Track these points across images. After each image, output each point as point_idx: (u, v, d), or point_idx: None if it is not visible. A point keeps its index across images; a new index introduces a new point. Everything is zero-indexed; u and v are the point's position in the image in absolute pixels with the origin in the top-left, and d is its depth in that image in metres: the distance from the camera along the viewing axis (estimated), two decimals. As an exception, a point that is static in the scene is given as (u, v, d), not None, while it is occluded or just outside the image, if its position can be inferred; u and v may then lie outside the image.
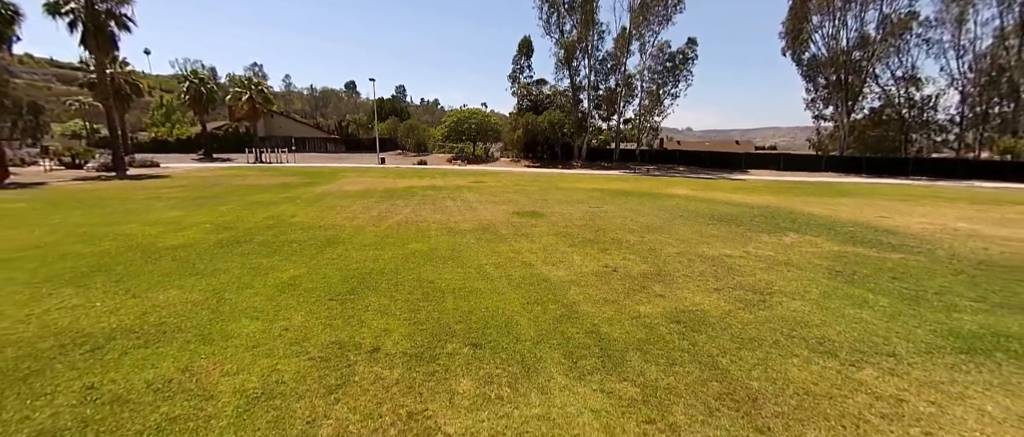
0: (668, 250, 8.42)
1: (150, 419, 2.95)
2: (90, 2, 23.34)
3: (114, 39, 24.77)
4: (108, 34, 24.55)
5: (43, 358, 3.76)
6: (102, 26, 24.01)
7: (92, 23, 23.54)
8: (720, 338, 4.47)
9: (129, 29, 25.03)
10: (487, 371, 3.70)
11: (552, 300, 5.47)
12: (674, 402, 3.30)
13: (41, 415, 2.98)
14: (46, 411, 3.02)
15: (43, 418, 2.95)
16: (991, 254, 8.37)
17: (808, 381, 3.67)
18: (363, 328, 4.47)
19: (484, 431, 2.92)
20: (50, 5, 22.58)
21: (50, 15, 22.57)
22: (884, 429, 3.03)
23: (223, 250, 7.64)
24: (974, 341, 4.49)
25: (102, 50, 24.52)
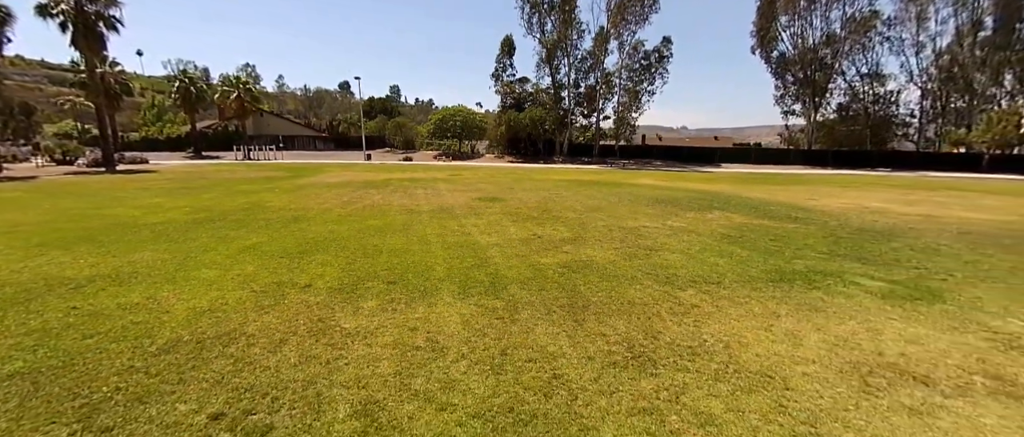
0: (597, 223, 9.39)
1: (118, 323, 3.87)
2: (80, 4, 23.90)
3: (103, 39, 25.32)
4: (98, 35, 25.10)
5: (36, 292, 4.65)
6: (91, 27, 24.57)
7: (82, 24, 24.10)
8: (591, 276, 5.45)
9: (118, 30, 25.60)
10: (392, 296, 4.65)
11: (472, 256, 6.42)
12: (525, 308, 4.28)
13: (35, 322, 3.89)
14: (39, 319, 3.93)
15: (37, 323, 3.86)
16: (875, 223, 9.45)
17: (636, 297, 4.67)
18: (302, 274, 5.40)
19: (373, 325, 3.88)
20: (41, 7, 23.13)
21: (41, 16, 23.12)
22: (667, 318, 4.04)
23: (197, 226, 8.52)
24: (790, 276, 5.52)
25: (92, 50, 25.08)
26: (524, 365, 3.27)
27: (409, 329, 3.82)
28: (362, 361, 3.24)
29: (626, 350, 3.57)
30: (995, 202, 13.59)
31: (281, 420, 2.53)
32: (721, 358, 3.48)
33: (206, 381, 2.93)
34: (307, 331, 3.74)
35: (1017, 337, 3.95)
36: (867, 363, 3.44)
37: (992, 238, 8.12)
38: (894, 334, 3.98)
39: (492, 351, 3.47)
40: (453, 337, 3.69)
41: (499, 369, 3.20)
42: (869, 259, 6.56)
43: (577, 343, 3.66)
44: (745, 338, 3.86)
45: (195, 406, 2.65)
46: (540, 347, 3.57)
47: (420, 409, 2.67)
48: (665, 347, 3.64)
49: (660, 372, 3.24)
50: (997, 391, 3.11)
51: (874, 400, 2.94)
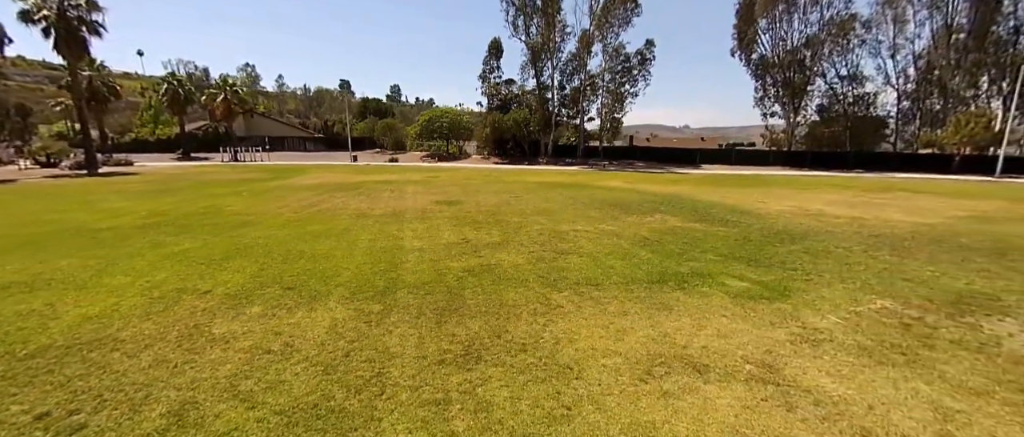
0: (534, 227, 9.70)
1: (10, 325, 4.17)
2: (62, 10, 24.13)
3: (85, 44, 25.56)
4: (80, 40, 25.34)
5: (-52, 298, 4.95)
6: (74, 32, 24.80)
7: (64, 29, 24.33)
8: (485, 280, 5.77)
9: (100, 35, 25.83)
10: (281, 302, 4.95)
11: (387, 261, 6.72)
12: (398, 312, 4.60)
13: None
14: (-65, 324, 4.23)
15: None
16: (798, 226, 9.77)
17: (513, 299, 5.01)
18: (210, 280, 5.70)
19: (242, 330, 4.18)
20: (23, 13, 23.35)
21: (24, 22, 23.36)
22: (524, 318, 4.39)
23: (141, 231, 8.81)
24: (670, 277, 5.87)
25: (74, 55, 25.32)
26: (357, 365, 3.59)
27: (274, 334, 4.13)
28: (208, 365, 3.55)
29: (463, 349, 3.89)
30: (931, 204, 13.94)
31: (98, 420, 2.83)
32: (542, 353, 3.81)
33: (52, 384, 3.23)
34: (177, 336, 4.04)
35: (819, 332, 4.28)
36: (665, 355, 3.77)
37: (895, 240, 8.46)
38: (713, 330, 4.32)
39: (337, 353, 3.78)
40: (310, 341, 4.00)
41: (332, 369, 3.52)
42: (759, 261, 6.89)
43: (422, 343, 3.98)
44: (578, 335, 4.19)
45: (27, 407, 2.95)
46: (385, 348, 3.88)
47: (230, 408, 2.98)
48: (501, 345, 3.96)
49: (476, 368, 3.56)
50: (754, 377, 3.45)
51: (641, 386, 3.28)
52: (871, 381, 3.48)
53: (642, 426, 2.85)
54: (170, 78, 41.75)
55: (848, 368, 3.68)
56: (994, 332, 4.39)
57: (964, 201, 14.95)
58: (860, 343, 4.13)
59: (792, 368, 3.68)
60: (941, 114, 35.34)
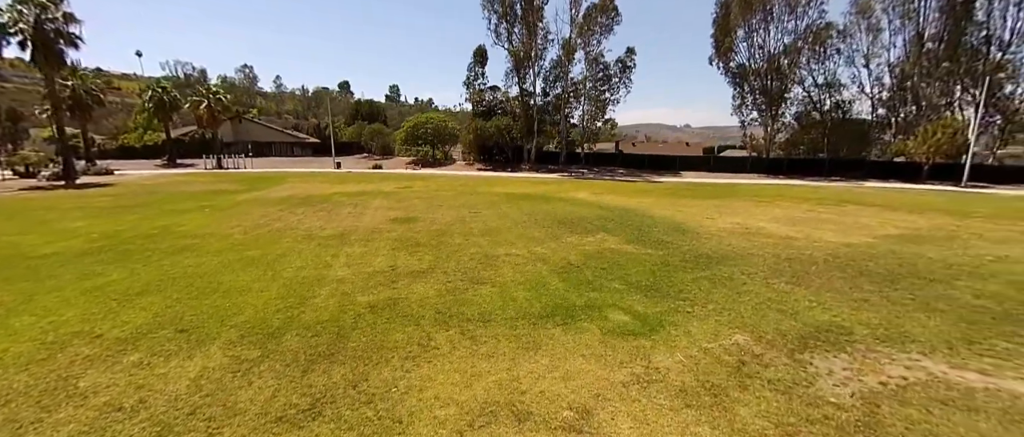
0: (470, 251, 9.91)
1: None
2: (39, 22, 24.20)
3: (62, 56, 25.66)
4: (57, 51, 25.42)
5: None
6: (50, 44, 24.89)
7: (41, 42, 24.41)
8: (382, 318, 5.98)
9: (77, 46, 25.94)
10: (164, 348, 5.14)
11: (300, 296, 6.91)
12: (274, 359, 4.81)
13: None
14: None
15: None
16: (726, 248, 10.00)
17: (394, 340, 5.26)
18: (110, 321, 5.88)
19: (106, 382, 4.38)
20: (2, 25, 23.41)
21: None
22: (397, 362, 4.60)
23: (80, 258, 8.98)
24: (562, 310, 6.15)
25: (51, 66, 25.41)
26: (196, 424, 3.78)
27: (135, 387, 4.32)
28: (52, 425, 3.74)
29: (310, 403, 4.09)
30: (872, 220, 14.22)
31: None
32: (386, 405, 4.03)
33: None
34: (41, 391, 4.23)
35: (656, 373, 4.48)
36: (498, 403, 3.97)
37: (805, 265, 8.69)
38: (562, 372, 4.62)
39: (183, 411, 3.95)
40: (166, 396, 4.19)
41: (168, 429, 3.71)
42: (659, 290, 7.14)
43: (274, 397, 4.18)
44: (434, 381, 4.43)
45: None
46: (233, 404, 4.07)
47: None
48: (351, 397, 4.16)
49: (310, 425, 3.76)
50: (565, 425, 3.65)
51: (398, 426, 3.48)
52: (666, 427, 3.71)
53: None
54: (156, 85, 41.77)
55: (656, 412, 3.92)
56: (816, 371, 4.65)
57: (907, 216, 15.24)
58: (684, 385, 4.37)
59: (606, 413, 3.92)
60: (915, 122, 35.69)
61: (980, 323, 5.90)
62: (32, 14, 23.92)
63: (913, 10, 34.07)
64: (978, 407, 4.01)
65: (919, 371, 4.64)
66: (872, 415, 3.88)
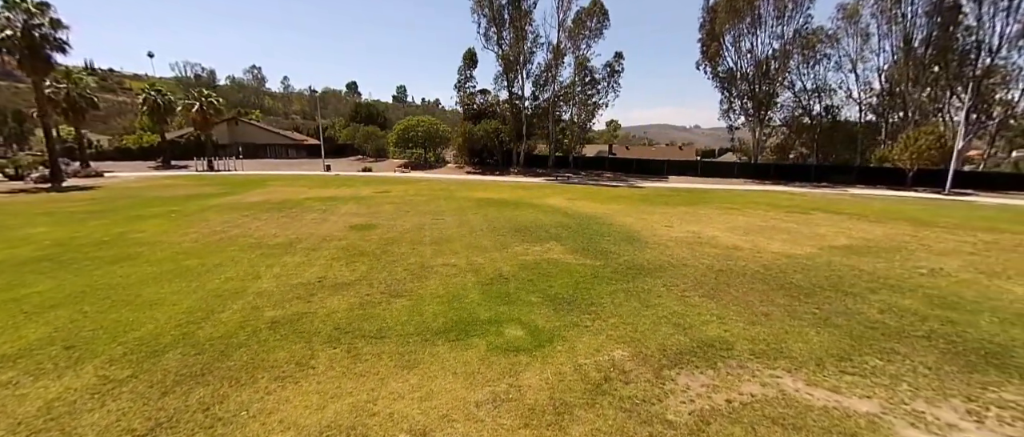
0: (409, 261, 9.93)
1: None
2: (27, 29, 24.49)
3: (50, 61, 25.95)
4: (44, 57, 25.72)
5: None
6: (37, 50, 25.18)
7: (28, 48, 24.70)
8: (278, 333, 6.02)
9: (65, 51, 26.22)
10: (42, 366, 5.18)
11: (207, 310, 6.94)
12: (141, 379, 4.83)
13: None
14: None
15: None
16: (665, 260, 9.92)
17: (276, 358, 5.26)
18: (10, 335, 5.95)
19: (-36, 401, 4.41)
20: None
21: (-17, 41, 23.73)
22: (264, 383, 4.61)
23: (16, 268, 9.08)
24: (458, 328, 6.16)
25: (38, 71, 25.70)
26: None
27: (-9, 404, 4.36)
28: None
29: (151, 427, 4.12)
30: (829, 230, 14.09)
31: None
32: (228, 430, 4.03)
33: None
34: None
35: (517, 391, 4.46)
36: (342, 426, 3.98)
37: (731, 278, 8.61)
38: (425, 392, 4.66)
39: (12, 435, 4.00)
40: (11, 417, 4.22)
41: (0, 448, 3.75)
42: (573, 303, 7.15)
43: (117, 423, 4.18)
44: (288, 404, 4.44)
45: None
46: (70, 430, 4.09)
47: None
48: (197, 420, 4.18)
49: (134, 451, 3.78)
50: None
51: None
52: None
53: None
54: (150, 89, 42.13)
55: (491, 433, 3.92)
56: (673, 388, 4.66)
57: (868, 226, 15.10)
58: (536, 403, 4.38)
59: (442, 435, 3.92)
60: (904, 128, 35.34)
61: (865, 339, 5.85)
62: (19, 20, 24.20)
63: (901, 15, 33.75)
64: (804, 426, 3.99)
65: (772, 389, 4.61)
66: (699, 433, 3.85)
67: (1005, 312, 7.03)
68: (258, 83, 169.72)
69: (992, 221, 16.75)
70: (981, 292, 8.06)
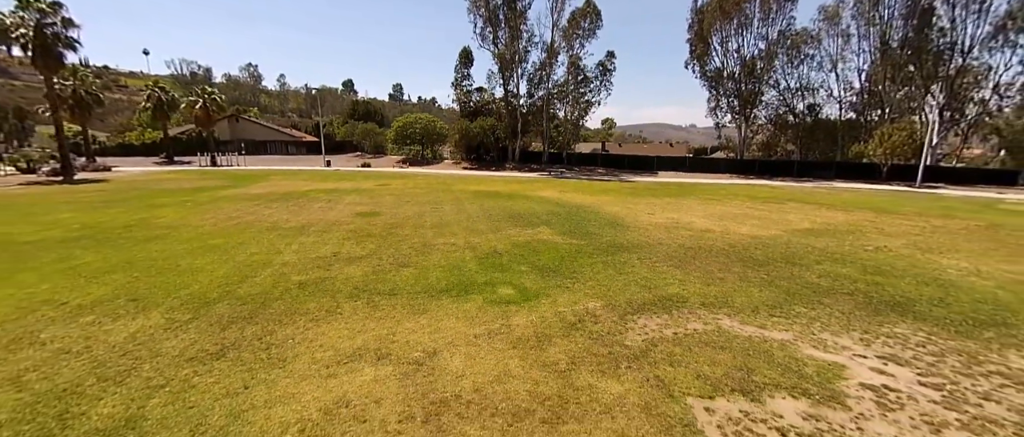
0: (413, 241, 10.95)
1: None
2: (39, 27, 25.25)
3: (61, 59, 26.70)
4: (56, 54, 26.46)
5: None
6: (49, 47, 25.91)
7: (40, 46, 25.45)
8: (306, 291, 7.04)
9: (75, 49, 26.98)
10: (115, 312, 6.21)
11: (242, 276, 7.97)
12: (202, 320, 5.87)
13: None
14: None
15: None
16: (641, 240, 11.05)
17: (307, 307, 6.27)
18: (76, 292, 6.97)
19: (61, 336, 5.46)
20: (4, 30, 24.47)
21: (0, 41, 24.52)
22: (302, 323, 5.62)
23: (60, 244, 10.06)
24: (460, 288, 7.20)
25: (49, 69, 26.45)
26: (122, 360, 4.86)
27: (84, 339, 5.41)
28: (18, 361, 4.84)
29: (219, 349, 5.17)
30: (796, 216, 15.28)
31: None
32: (278, 350, 5.09)
33: None
34: (9, 341, 5.32)
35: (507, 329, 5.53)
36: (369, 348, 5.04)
37: (698, 253, 9.73)
38: (433, 328, 5.70)
39: (116, 352, 5.03)
40: (105, 344, 5.27)
41: (101, 364, 4.79)
42: (558, 271, 8.23)
43: (192, 345, 5.24)
44: (324, 335, 5.49)
45: None
46: (157, 349, 5.15)
47: (12, 387, 4.27)
48: (252, 345, 5.23)
49: (213, 363, 4.83)
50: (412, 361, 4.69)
51: (330, 369, 4.54)
52: (487, 360, 4.83)
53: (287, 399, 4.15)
54: (154, 85, 42.77)
55: (486, 352, 5.04)
56: (633, 326, 5.77)
57: (833, 213, 16.31)
58: (522, 335, 5.48)
59: (448, 353, 5.02)
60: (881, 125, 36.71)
61: (798, 295, 7.00)
62: (33, 19, 24.95)
63: (878, 17, 35.09)
64: (730, 347, 5.12)
65: (711, 326, 5.74)
66: (645, 351, 4.99)
67: (924, 277, 8.21)
68: (254, 81, 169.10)
69: (950, 210, 18.03)
70: (912, 263, 9.25)
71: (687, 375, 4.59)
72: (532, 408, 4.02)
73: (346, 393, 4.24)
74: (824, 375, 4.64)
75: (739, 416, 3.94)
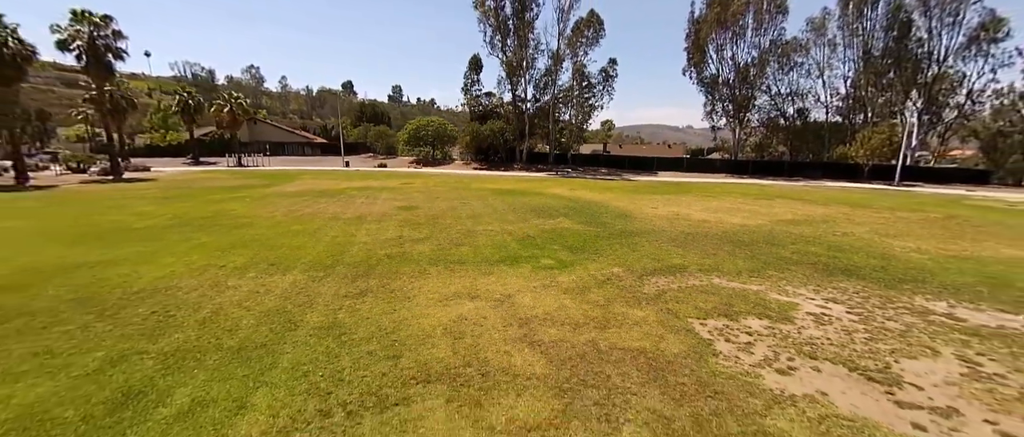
0: (457, 228, 12.94)
1: (114, 281, 7.51)
2: (92, 39, 27.30)
3: (111, 68, 28.77)
4: (106, 64, 28.53)
5: (69, 267, 8.27)
6: (101, 57, 27.98)
7: (93, 56, 27.51)
8: (395, 262, 9.07)
9: (123, 59, 29.07)
10: (266, 271, 8.26)
11: (338, 250, 9.99)
12: (334, 277, 7.93)
13: (64, 283, 7.51)
14: (68, 280, 7.56)
15: (66, 283, 7.48)
16: (647, 227, 13.12)
17: (404, 270, 8.34)
18: (223, 260, 9.01)
19: (241, 285, 7.53)
20: (61, 42, 26.54)
21: (60, 50, 26.59)
22: (406, 279, 7.69)
23: (169, 229, 12.10)
24: (510, 260, 9.19)
25: (101, 77, 28.52)
26: (298, 298, 6.93)
27: (259, 285, 7.47)
28: (228, 292, 6.90)
29: (359, 292, 7.23)
30: (781, 209, 17.38)
31: (182, 314, 6.18)
32: (400, 294, 7.15)
33: (146, 305, 6.58)
34: (207, 285, 7.38)
35: (556, 284, 7.57)
36: (462, 292, 7.08)
37: (697, 237, 11.80)
38: (501, 284, 7.66)
39: (290, 296, 7.11)
40: (277, 290, 7.33)
41: (287, 300, 6.86)
42: (582, 249, 10.27)
43: (338, 290, 7.31)
44: (427, 286, 7.54)
45: (144, 310, 6.30)
46: (317, 292, 7.21)
47: (246, 311, 6.34)
48: (381, 290, 7.29)
49: (362, 298, 6.89)
50: (496, 298, 6.73)
51: (439, 303, 6.61)
52: (547, 299, 6.87)
53: (424, 316, 6.21)
54: (182, 89, 44.74)
55: (545, 296, 7.06)
56: (648, 282, 7.80)
57: (813, 207, 18.42)
58: (568, 287, 7.53)
59: (519, 296, 7.06)
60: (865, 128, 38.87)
61: (772, 264, 9.08)
62: (87, 32, 26.99)
63: (861, 28, 37.25)
64: (716, 293, 7.20)
65: (705, 282, 7.82)
66: (657, 295, 7.06)
67: (874, 253, 10.31)
68: (256, 83, 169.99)
69: (919, 205, 20.14)
70: (868, 244, 11.35)
71: (688, 307, 6.67)
72: (586, 323, 6.09)
73: (461, 313, 6.31)
74: (782, 308, 6.73)
75: (722, 327, 6.01)
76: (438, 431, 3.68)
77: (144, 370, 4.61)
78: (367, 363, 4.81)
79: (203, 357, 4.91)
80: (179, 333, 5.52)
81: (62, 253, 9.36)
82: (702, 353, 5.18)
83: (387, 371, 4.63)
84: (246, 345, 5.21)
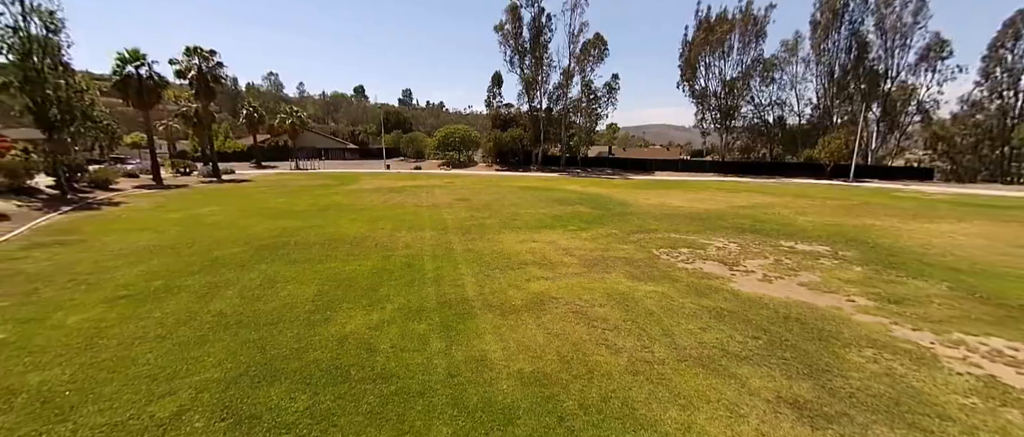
0: (507, 211, 18.25)
1: (331, 231, 13.00)
2: (201, 69, 33.12)
3: (212, 92, 34.56)
4: (210, 90, 34.33)
5: (319, 227, 13.77)
6: (206, 84, 33.79)
7: (201, 82, 33.34)
8: (477, 227, 14.48)
9: (222, 85, 34.86)
10: (408, 231, 13.71)
11: (441, 221, 15.40)
12: (451, 232, 13.35)
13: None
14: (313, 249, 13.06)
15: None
16: (640, 209, 18.36)
17: (486, 232, 13.75)
18: (380, 225, 14.38)
19: (405, 236, 12.99)
20: (178, 72, 32.39)
21: (178, 78, 32.44)
22: (490, 236, 13.08)
23: (318, 213, 17.57)
24: (547, 226, 14.55)
25: (205, 99, 34.31)
26: (432, 247, 12.35)
27: (414, 239, 12.92)
28: (400, 243, 12.35)
29: (470, 240, 12.65)
30: (742, 199, 22.44)
31: (386, 259, 11.64)
32: (486, 245, 12.51)
33: (375, 245, 12.04)
34: (385, 238, 12.83)
35: (579, 237, 12.86)
36: (526, 242, 12.41)
37: (677, 216, 16.98)
38: (548, 239, 12.98)
39: (426, 244, 12.55)
40: (426, 242, 12.74)
41: (424, 245, 12.29)
42: (593, 222, 15.53)
43: (461, 240, 12.70)
44: (501, 242, 12.91)
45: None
46: (444, 243, 12.61)
47: (385, 254, 11.78)
48: (477, 240, 12.69)
49: (474, 243, 12.29)
50: (551, 244, 12.03)
51: (518, 245, 11.94)
52: (579, 241, 12.19)
53: (512, 248, 11.53)
54: (249, 104, 50.72)
55: (578, 242, 12.37)
56: (633, 238, 13.08)
57: (768, 197, 23.45)
58: (585, 236, 12.83)
59: (560, 241, 12.33)
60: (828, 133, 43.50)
61: (711, 228, 14.27)
62: (197, 64, 32.81)
63: (826, 49, 41.92)
64: (669, 239, 12.45)
65: (665, 236, 13.07)
66: (637, 241, 12.34)
67: (781, 222, 15.42)
68: (276, 89, 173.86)
69: (850, 196, 25.03)
70: (783, 217, 16.45)
71: (651, 244, 11.91)
72: (596, 249, 11.35)
73: (533, 248, 11.65)
74: (702, 244, 11.93)
75: (667, 250, 11.22)
76: (536, 275, 8.99)
77: (402, 260, 10.00)
78: (493, 260, 10.14)
79: (425, 259, 10.29)
80: (402, 251, 10.92)
81: (274, 223, 14.86)
82: (653, 258, 10.47)
83: (504, 264, 9.97)
84: (438, 255, 10.60)
